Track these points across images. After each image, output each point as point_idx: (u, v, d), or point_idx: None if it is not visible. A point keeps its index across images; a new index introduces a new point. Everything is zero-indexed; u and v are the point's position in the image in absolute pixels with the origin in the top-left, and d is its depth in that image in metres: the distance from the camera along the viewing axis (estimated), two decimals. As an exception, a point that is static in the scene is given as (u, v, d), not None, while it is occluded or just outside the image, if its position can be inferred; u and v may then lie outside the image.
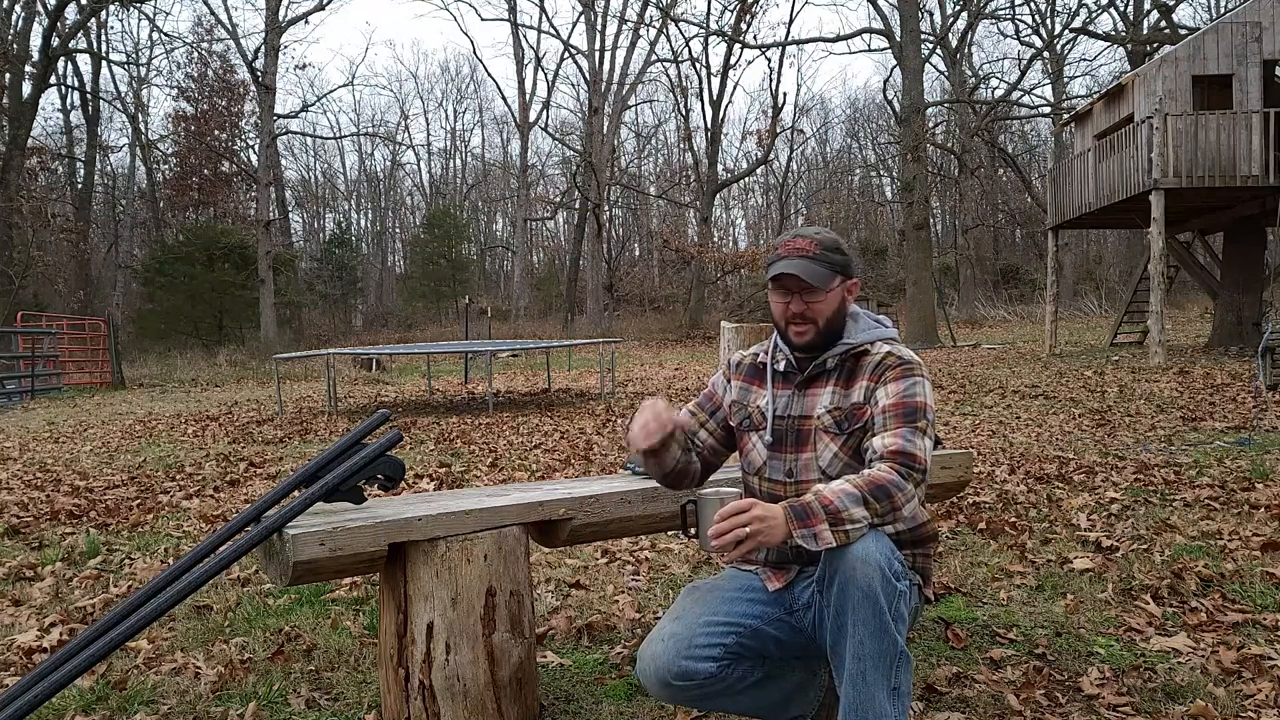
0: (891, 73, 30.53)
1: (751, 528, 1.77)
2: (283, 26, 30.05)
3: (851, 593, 1.80)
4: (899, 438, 1.96)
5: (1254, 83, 13.42)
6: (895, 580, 1.84)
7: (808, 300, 2.08)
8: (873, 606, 1.80)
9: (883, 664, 1.82)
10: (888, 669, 1.83)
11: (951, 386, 11.32)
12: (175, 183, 37.44)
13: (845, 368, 2.13)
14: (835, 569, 1.83)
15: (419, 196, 52.51)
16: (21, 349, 16.87)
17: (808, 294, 2.08)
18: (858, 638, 1.81)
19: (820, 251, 2.09)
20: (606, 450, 7.33)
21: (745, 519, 1.78)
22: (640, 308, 37.19)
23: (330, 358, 12.47)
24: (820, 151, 47.74)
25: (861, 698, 1.83)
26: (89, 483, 6.45)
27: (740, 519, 1.78)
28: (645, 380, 15.23)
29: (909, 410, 2.01)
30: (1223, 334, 14.66)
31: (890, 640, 1.82)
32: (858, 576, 1.79)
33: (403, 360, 20.89)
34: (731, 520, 1.78)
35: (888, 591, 1.81)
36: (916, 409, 2.01)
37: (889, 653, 1.82)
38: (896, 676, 1.85)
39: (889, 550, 1.87)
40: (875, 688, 1.82)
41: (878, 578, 1.80)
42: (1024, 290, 32.55)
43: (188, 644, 3.09)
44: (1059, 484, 5.27)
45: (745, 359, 2.31)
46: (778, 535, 1.79)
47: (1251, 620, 2.97)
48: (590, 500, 2.47)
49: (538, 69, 42.20)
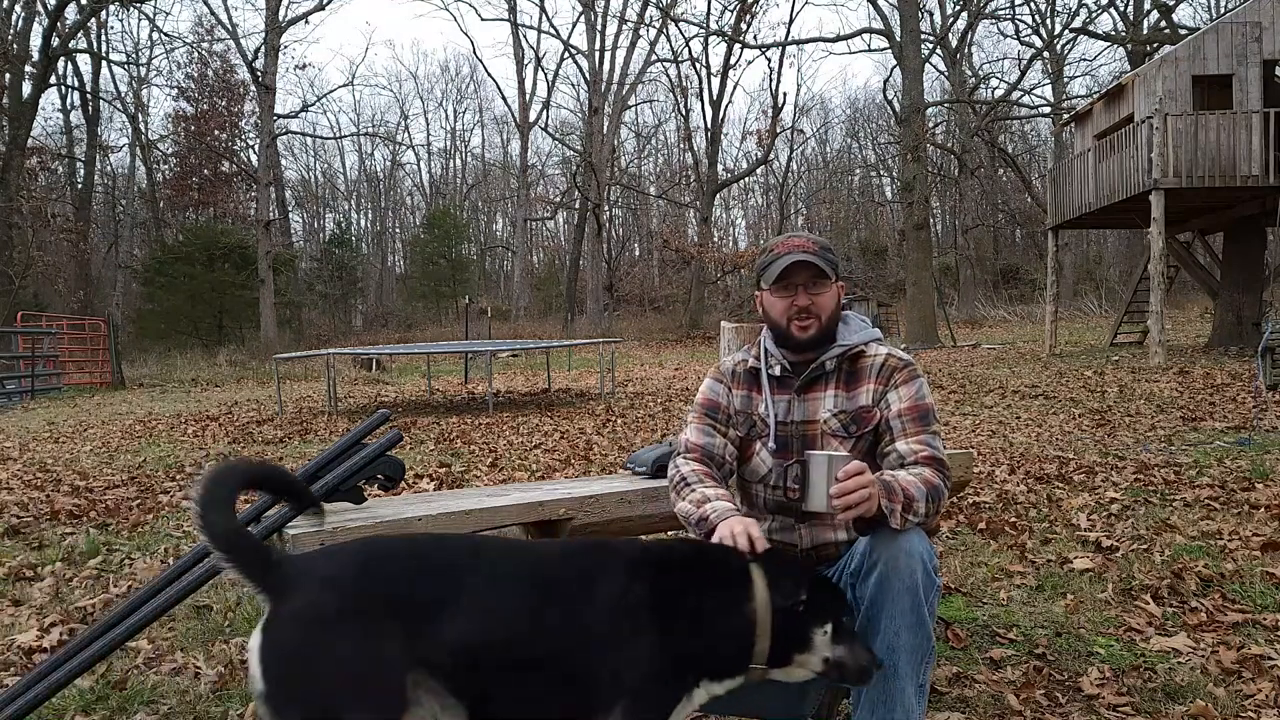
0: (891, 73, 30.54)
1: (870, 490, 1.80)
2: (283, 26, 30.04)
3: (894, 584, 1.82)
4: (924, 444, 2.02)
5: (1254, 83, 13.41)
6: (934, 576, 1.87)
7: (813, 294, 2.10)
8: (913, 599, 1.82)
9: (915, 658, 1.84)
10: (919, 663, 1.85)
11: (951, 386, 11.31)
12: (175, 183, 37.42)
13: (844, 370, 2.14)
14: (878, 560, 1.85)
15: (419, 196, 52.53)
16: (21, 349, 16.86)
17: (814, 288, 2.10)
18: (893, 630, 1.82)
19: (819, 249, 2.12)
20: (606, 450, 7.32)
21: (865, 481, 1.80)
22: (640, 308, 37.19)
23: (330, 358, 12.47)
24: (820, 151, 47.74)
25: (890, 691, 1.83)
26: (89, 483, 6.45)
27: (862, 480, 1.80)
28: (645, 380, 15.22)
29: (923, 414, 2.07)
30: (1223, 334, 14.65)
31: (925, 634, 1.84)
32: (902, 569, 1.82)
33: (403, 360, 20.88)
34: (855, 481, 1.79)
35: (927, 586, 1.84)
36: (929, 411, 2.08)
37: (922, 647, 1.84)
38: (924, 673, 1.87)
39: (928, 547, 1.89)
40: (905, 681, 1.84)
41: (920, 571, 1.83)
42: (1024, 290, 32.52)
43: (188, 644, 3.09)
44: (1059, 484, 5.27)
45: (738, 366, 2.26)
46: (876, 504, 1.83)
47: (1251, 620, 2.97)
48: (590, 500, 2.47)
49: (538, 69, 42.12)
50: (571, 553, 1.80)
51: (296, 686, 1.43)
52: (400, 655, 1.47)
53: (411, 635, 1.48)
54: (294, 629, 1.46)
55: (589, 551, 1.79)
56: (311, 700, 1.43)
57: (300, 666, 1.44)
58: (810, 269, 2.08)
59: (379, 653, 1.46)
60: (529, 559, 1.73)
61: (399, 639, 1.47)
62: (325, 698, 1.43)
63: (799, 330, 2.12)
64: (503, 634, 1.55)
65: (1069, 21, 29.73)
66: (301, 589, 1.49)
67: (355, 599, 1.49)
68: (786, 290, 2.11)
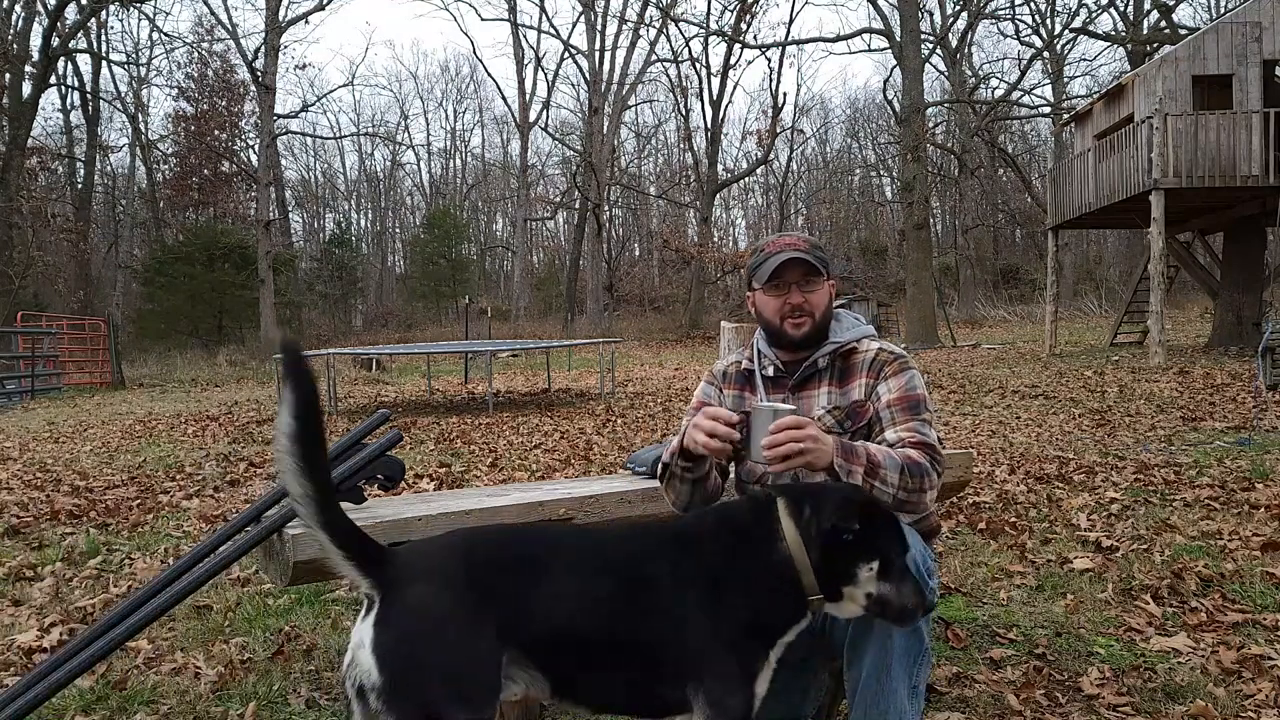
0: (891, 73, 30.55)
1: (805, 445, 1.78)
2: (283, 26, 30.03)
3: None
4: (913, 431, 1.99)
5: (1254, 83, 13.41)
6: (928, 577, 1.86)
7: (806, 292, 2.11)
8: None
9: (907, 659, 1.83)
10: (911, 665, 1.84)
11: (951, 386, 11.31)
12: (175, 183, 37.39)
13: (837, 367, 2.14)
14: None
15: (419, 196, 52.53)
16: (21, 349, 16.86)
17: (806, 285, 2.11)
18: (886, 630, 1.81)
19: (810, 247, 2.13)
20: (606, 450, 7.32)
21: (801, 435, 1.78)
22: (640, 308, 37.17)
23: (330, 358, 12.47)
24: (820, 151, 47.74)
25: (883, 692, 1.83)
26: (89, 483, 6.45)
27: (796, 434, 1.78)
28: (645, 380, 15.22)
29: (913, 403, 2.04)
30: (1223, 334, 14.65)
31: (918, 636, 1.84)
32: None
33: (403, 360, 20.88)
34: (788, 434, 1.78)
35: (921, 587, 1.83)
36: (919, 401, 2.05)
37: (915, 649, 1.84)
38: (918, 674, 1.86)
39: (922, 547, 1.89)
40: (898, 683, 1.83)
41: (912, 571, 1.82)
42: (1024, 290, 32.51)
43: (188, 644, 3.09)
44: (1059, 484, 5.27)
45: (730, 368, 2.29)
46: (824, 460, 1.81)
47: (1251, 620, 2.97)
48: (590, 500, 2.47)
49: (538, 69, 42.13)
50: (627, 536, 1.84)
51: (412, 676, 1.48)
52: (497, 640, 1.55)
53: (507, 621, 1.56)
54: (411, 620, 1.51)
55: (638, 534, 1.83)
56: (424, 688, 1.48)
57: (417, 657, 1.50)
58: (802, 266, 2.10)
59: (481, 640, 1.53)
60: (599, 544, 1.77)
61: (497, 625, 1.55)
62: (436, 686, 1.49)
63: (793, 328, 2.12)
64: (582, 618, 1.62)
65: (1069, 21, 29.76)
66: (413, 582, 1.55)
67: (463, 590, 1.56)
68: (779, 289, 2.12)
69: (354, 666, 1.52)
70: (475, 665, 1.52)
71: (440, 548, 1.68)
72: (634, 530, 1.87)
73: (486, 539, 1.75)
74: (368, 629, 1.51)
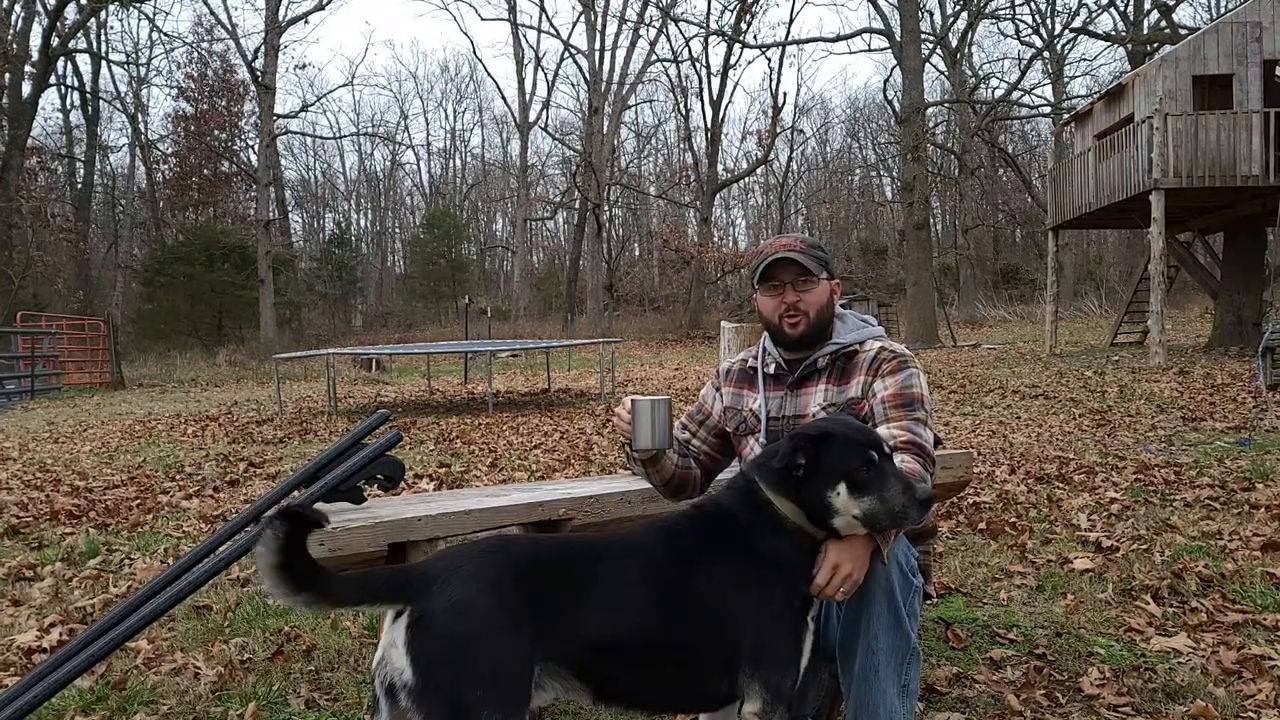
0: (891, 73, 30.54)
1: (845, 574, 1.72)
2: (282, 26, 30.03)
3: (869, 586, 1.81)
4: (904, 429, 1.98)
5: (1254, 83, 13.41)
6: (911, 576, 1.86)
7: (800, 291, 2.13)
8: (889, 601, 1.82)
9: (894, 659, 1.84)
10: (899, 665, 1.84)
11: (951, 386, 11.31)
12: (175, 183, 37.36)
13: (837, 367, 2.16)
14: None
15: (419, 196, 52.48)
16: (21, 349, 16.86)
17: (801, 285, 2.13)
18: (872, 633, 1.82)
19: (806, 248, 2.15)
20: (606, 450, 7.32)
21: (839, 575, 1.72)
22: (640, 308, 37.16)
23: (330, 358, 12.47)
24: (820, 151, 47.70)
25: (872, 693, 1.84)
26: (89, 483, 6.45)
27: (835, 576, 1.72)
28: (645, 380, 15.22)
29: (908, 401, 2.03)
30: (1223, 334, 14.65)
31: (904, 636, 1.84)
32: (876, 571, 1.81)
33: (403, 360, 20.87)
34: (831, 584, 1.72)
35: (904, 587, 1.84)
36: (915, 399, 2.04)
37: (901, 648, 1.84)
38: (907, 673, 1.87)
39: (905, 547, 1.89)
40: (886, 683, 1.84)
41: (895, 573, 1.82)
42: (1024, 290, 32.50)
43: (188, 644, 3.09)
44: (1059, 484, 5.27)
45: (734, 365, 2.36)
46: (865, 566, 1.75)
47: (1251, 620, 2.96)
48: (590, 500, 2.47)
49: (538, 69, 42.08)
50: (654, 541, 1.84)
51: (445, 677, 1.50)
52: (530, 649, 1.56)
53: (540, 630, 1.57)
54: (447, 622, 1.53)
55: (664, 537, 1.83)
56: (455, 690, 1.50)
57: (450, 659, 1.51)
58: (795, 266, 2.12)
59: (513, 647, 1.55)
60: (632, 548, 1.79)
61: (530, 634, 1.56)
62: (467, 689, 1.50)
63: (789, 327, 2.15)
64: (624, 630, 1.65)
65: (1069, 21, 29.75)
66: (448, 586, 1.56)
67: (500, 597, 1.57)
68: (775, 289, 2.16)
69: (385, 665, 1.55)
70: (509, 671, 1.54)
71: (481, 553, 1.69)
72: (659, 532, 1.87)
73: (521, 547, 1.77)
74: (400, 630, 1.53)
